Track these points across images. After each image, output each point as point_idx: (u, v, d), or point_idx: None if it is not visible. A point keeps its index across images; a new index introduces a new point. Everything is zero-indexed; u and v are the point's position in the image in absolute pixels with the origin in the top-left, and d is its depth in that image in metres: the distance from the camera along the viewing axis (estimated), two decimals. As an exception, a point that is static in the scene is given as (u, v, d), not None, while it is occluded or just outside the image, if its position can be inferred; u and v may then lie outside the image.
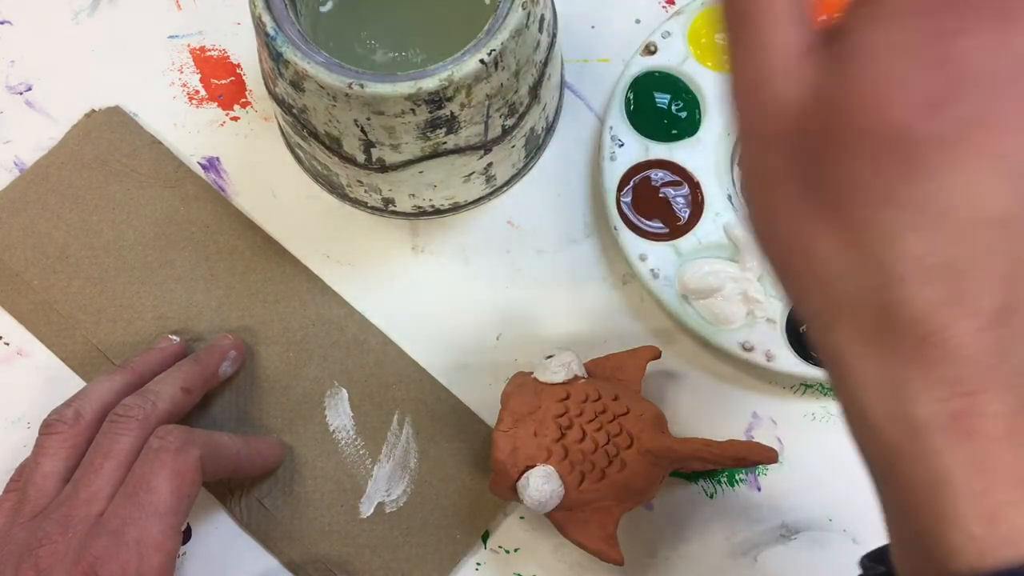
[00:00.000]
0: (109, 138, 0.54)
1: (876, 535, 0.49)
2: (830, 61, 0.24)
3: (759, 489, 0.48)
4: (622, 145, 0.52)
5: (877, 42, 0.24)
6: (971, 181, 0.23)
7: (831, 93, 0.24)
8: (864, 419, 0.26)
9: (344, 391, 0.49)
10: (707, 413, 0.49)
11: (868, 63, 0.23)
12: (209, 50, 0.56)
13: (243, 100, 0.55)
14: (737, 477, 0.48)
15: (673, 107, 0.53)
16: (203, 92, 0.55)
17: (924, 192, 0.23)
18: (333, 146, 0.44)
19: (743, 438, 0.48)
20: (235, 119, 0.55)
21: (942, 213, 0.23)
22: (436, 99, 0.40)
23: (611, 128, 0.52)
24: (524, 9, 0.40)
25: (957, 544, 0.24)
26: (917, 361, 0.24)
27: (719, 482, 0.48)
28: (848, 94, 0.24)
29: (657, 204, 0.51)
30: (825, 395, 0.50)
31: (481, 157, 0.45)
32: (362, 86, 0.39)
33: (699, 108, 0.53)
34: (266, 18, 0.40)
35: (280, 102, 0.44)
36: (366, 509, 0.47)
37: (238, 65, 0.56)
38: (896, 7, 0.23)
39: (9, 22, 0.57)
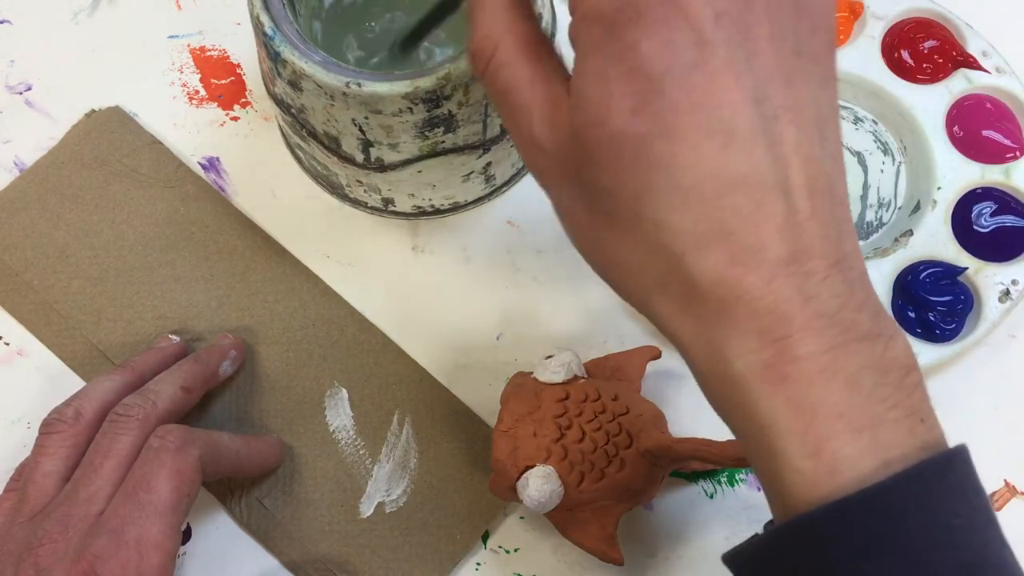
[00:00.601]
0: (109, 138, 0.54)
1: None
2: (566, 102, 0.29)
3: (759, 489, 0.48)
4: (622, 145, 0.52)
5: (581, 75, 0.28)
6: (699, 159, 0.26)
7: (572, 135, 0.29)
8: (699, 379, 0.29)
9: (344, 391, 0.49)
10: (707, 413, 0.49)
11: (581, 92, 0.28)
12: (209, 50, 0.56)
13: (243, 100, 0.55)
14: (737, 477, 0.48)
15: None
16: (203, 92, 0.55)
17: (666, 179, 0.26)
18: (332, 146, 0.44)
19: (743, 438, 0.48)
20: (235, 119, 0.55)
21: (689, 190, 0.26)
22: (433, 98, 0.40)
23: (611, 128, 0.52)
24: None
25: (790, 481, 0.26)
26: (724, 321, 0.27)
27: (719, 482, 0.48)
28: (580, 120, 0.28)
29: (657, 204, 0.51)
30: (825, 395, 0.50)
31: (480, 156, 0.45)
32: (359, 85, 0.39)
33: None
34: (264, 18, 0.40)
35: (279, 102, 0.44)
36: (366, 509, 0.47)
37: (238, 65, 0.56)
38: (584, 47, 0.28)
39: (9, 22, 0.57)
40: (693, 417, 0.48)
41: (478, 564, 0.48)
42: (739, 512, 0.48)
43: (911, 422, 0.27)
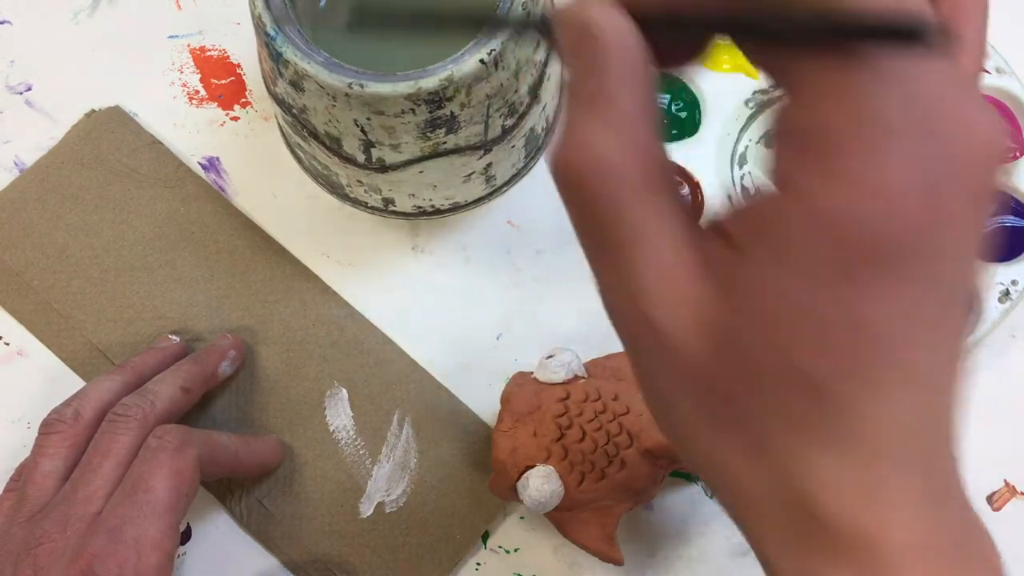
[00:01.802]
0: (109, 138, 0.54)
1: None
2: (722, 290, 0.22)
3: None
4: (622, 145, 0.52)
5: (778, 289, 0.21)
6: (884, 414, 0.22)
7: (733, 334, 0.22)
8: None
9: (344, 391, 0.49)
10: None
11: (771, 309, 0.21)
12: (209, 50, 0.56)
13: (243, 100, 0.55)
14: (737, 477, 0.48)
15: (673, 107, 0.53)
16: (203, 92, 0.55)
17: (835, 426, 0.22)
18: (333, 146, 0.44)
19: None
20: (235, 119, 0.55)
21: (855, 442, 0.22)
22: (436, 99, 0.40)
23: (611, 128, 0.52)
24: (524, 9, 0.40)
25: None
26: (839, 562, 0.23)
27: (719, 482, 0.48)
28: (755, 339, 0.21)
29: (657, 204, 0.51)
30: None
31: (481, 157, 0.45)
32: (362, 86, 0.39)
33: (699, 108, 0.53)
34: (266, 18, 0.40)
35: (280, 102, 0.44)
36: (366, 509, 0.47)
37: (238, 65, 0.56)
38: (797, 246, 0.20)
39: (9, 22, 0.57)
40: (693, 417, 0.48)
41: (478, 564, 0.48)
42: (739, 512, 0.48)
43: None
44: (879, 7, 0.19)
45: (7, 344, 0.51)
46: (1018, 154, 0.51)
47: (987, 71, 0.52)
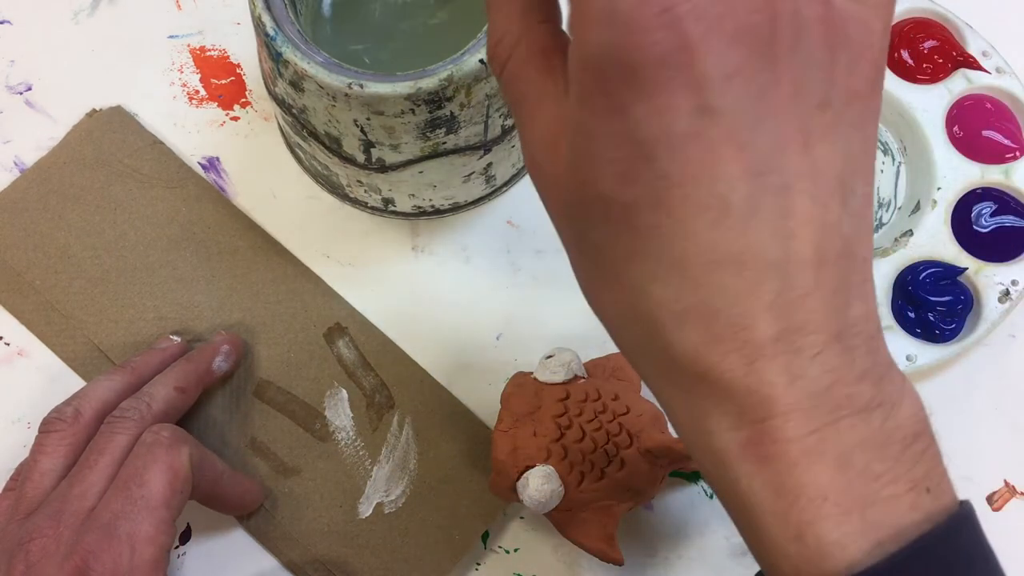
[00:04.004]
0: (111, 138, 0.54)
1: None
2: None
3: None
4: (622, 145, 0.52)
5: (573, 123, 0.25)
6: (688, 232, 0.24)
7: (575, 171, 0.26)
8: (685, 443, 0.27)
9: (344, 391, 0.49)
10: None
11: (573, 143, 0.26)
12: (209, 50, 0.56)
13: (243, 100, 0.55)
14: (737, 477, 0.48)
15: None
16: (203, 92, 0.55)
17: (653, 249, 0.25)
18: (333, 146, 0.44)
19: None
20: (235, 119, 0.55)
21: (674, 264, 0.25)
22: (436, 99, 0.40)
23: (611, 128, 0.52)
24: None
25: (775, 562, 0.25)
26: (705, 396, 0.25)
27: (719, 482, 0.48)
28: (573, 171, 0.26)
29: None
30: (825, 395, 0.50)
31: (481, 157, 0.45)
32: (361, 86, 0.39)
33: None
34: (266, 18, 0.40)
35: (280, 102, 0.44)
36: (365, 510, 0.47)
37: (238, 65, 0.56)
38: (575, 92, 0.25)
39: (9, 22, 0.57)
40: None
41: (478, 564, 0.48)
42: (739, 512, 0.48)
43: (913, 495, 0.25)
44: None
45: (8, 344, 0.51)
46: (1018, 154, 0.51)
47: (987, 71, 0.52)
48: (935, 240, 0.50)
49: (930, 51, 0.53)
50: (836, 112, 0.25)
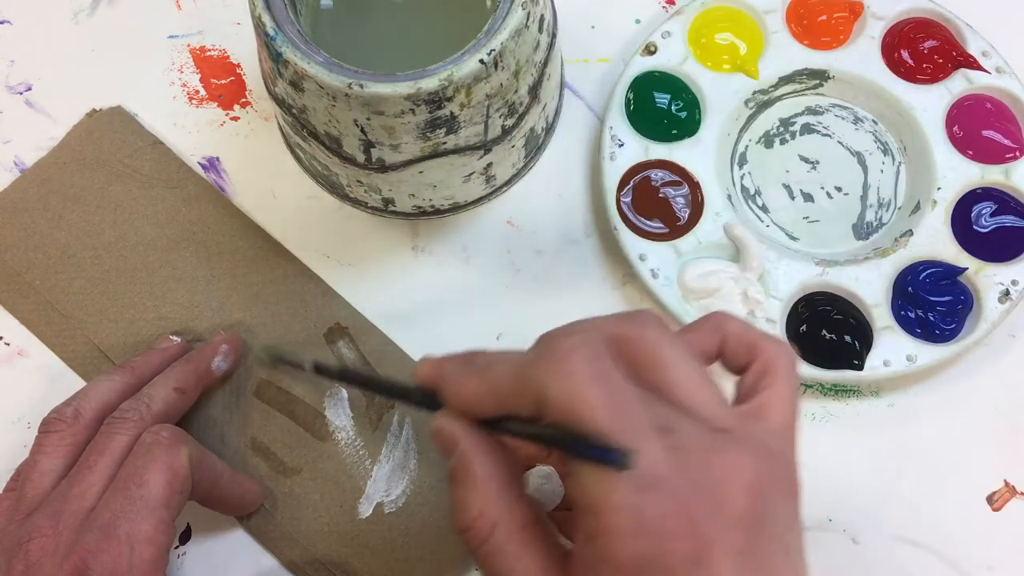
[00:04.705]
0: (111, 138, 0.54)
1: (876, 535, 0.49)
2: None
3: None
4: (622, 145, 0.52)
5: None
6: None
7: None
8: None
9: (344, 391, 0.49)
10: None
11: None
12: (209, 50, 0.56)
13: (243, 100, 0.55)
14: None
15: (673, 107, 0.53)
16: (203, 92, 0.55)
17: None
18: (333, 146, 0.44)
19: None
20: (235, 119, 0.55)
21: None
22: (436, 99, 0.40)
23: (611, 128, 0.52)
24: (524, 9, 0.40)
25: None
26: None
27: (719, 482, 0.48)
28: None
29: (657, 204, 0.51)
30: (825, 395, 0.50)
31: (481, 157, 0.45)
32: (361, 86, 0.39)
33: (699, 108, 0.53)
34: (266, 18, 0.40)
35: (280, 102, 0.44)
36: (365, 510, 0.47)
37: (238, 65, 0.56)
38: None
39: (9, 22, 0.57)
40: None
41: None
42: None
43: None
44: (587, 430, 0.28)
45: (8, 344, 0.51)
46: (1018, 154, 0.51)
47: (987, 71, 0.52)
48: (935, 240, 0.50)
49: (930, 51, 0.53)
50: (791, 533, 0.30)
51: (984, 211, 0.51)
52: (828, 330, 0.48)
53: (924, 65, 0.53)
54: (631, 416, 0.28)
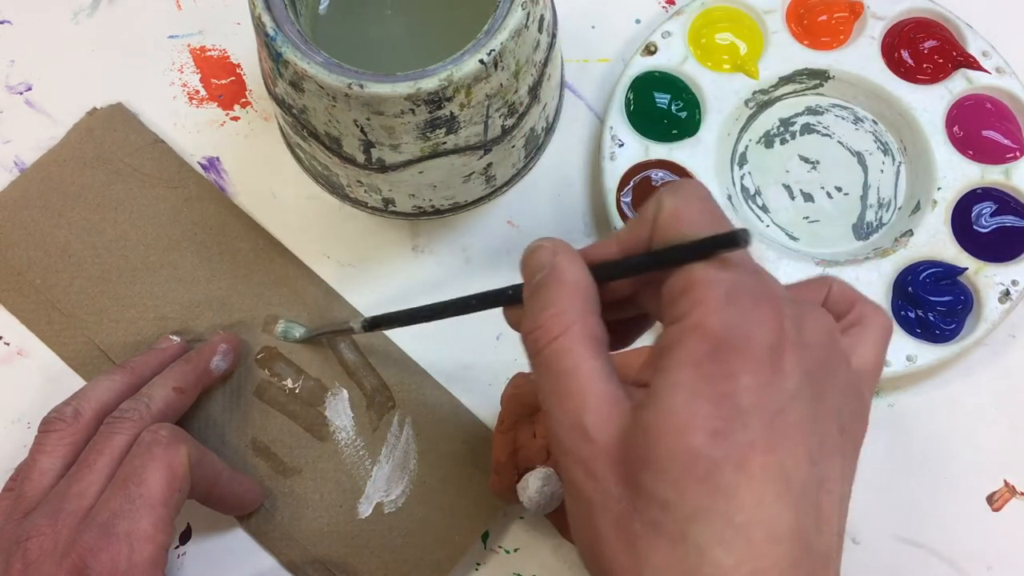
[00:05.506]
0: (112, 137, 0.54)
1: (876, 535, 0.49)
2: (637, 406, 0.29)
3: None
4: (622, 145, 0.52)
5: (670, 383, 0.28)
6: (759, 500, 0.27)
7: (637, 436, 0.28)
8: None
9: (344, 391, 0.49)
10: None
11: (666, 400, 0.27)
12: (209, 50, 0.56)
13: (243, 100, 0.55)
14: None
15: (673, 107, 0.53)
16: (203, 92, 0.55)
17: (724, 509, 0.26)
18: (333, 146, 0.44)
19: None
20: (235, 119, 0.55)
21: (741, 529, 0.26)
22: (436, 99, 0.40)
23: (611, 128, 0.52)
24: (524, 9, 0.40)
25: None
26: None
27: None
28: (658, 425, 0.27)
29: (657, 204, 0.51)
30: (825, 395, 0.50)
31: (481, 157, 0.45)
32: (361, 86, 0.39)
33: (699, 108, 0.53)
34: (266, 18, 0.40)
35: (280, 102, 0.44)
36: (365, 510, 0.47)
37: (238, 65, 0.56)
38: (681, 357, 0.28)
39: (9, 22, 0.57)
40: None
41: (477, 564, 0.48)
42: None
43: None
44: (700, 230, 0.28)
45: (7, 344, 0.51)
46: (1018, 154, 0.51)
47: (987, 71, 0.52)
48: (935, 240, 0.50)
49: (930, 51, 0.53)
50: (847, 440, 0.30)
51: (984, 211, 0.51)
52: (828, 330, 0.49)
53: (924, 65, 0.53)
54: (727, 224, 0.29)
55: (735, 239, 0.27)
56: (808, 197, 0.52)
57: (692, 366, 0.27)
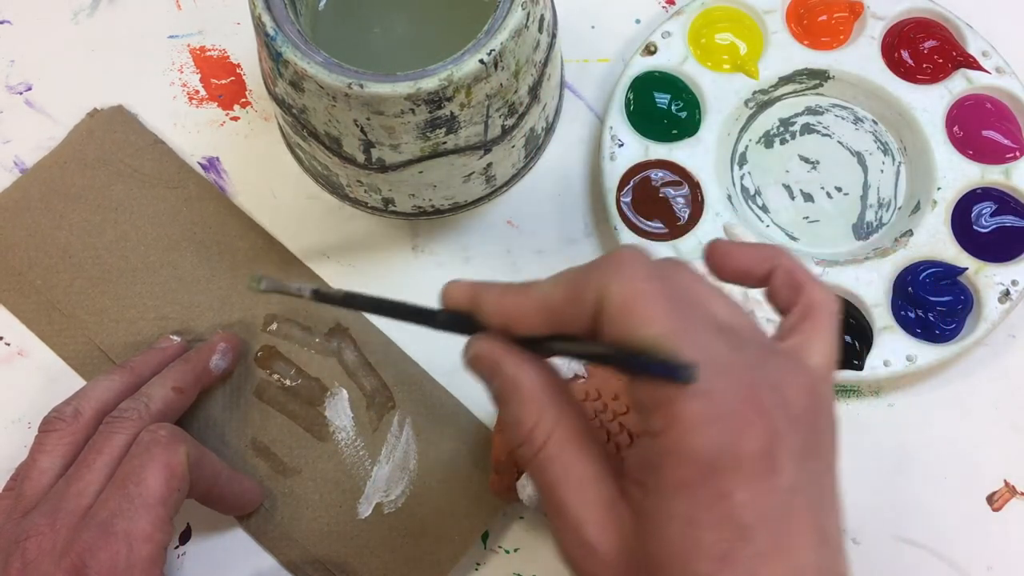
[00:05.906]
0: (112, 138, 0.54)
1: (876, 535, 0.49)
2: (634, 519, 0.28)
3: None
4: (622, 145, 0.52)
5: (666, 514, 0.27)
6: None
7: (642, 553, 0.28)
8: None
9: (344, 391, 0.49)
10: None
11: (665, 531, 0.27)
12: (209, 50, 0.56)
13: (243, 100, 0.55)
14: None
15: (673, 107, 0.53)
16: (203, 92, 0.55)
17: None
18: (333, 146, 0.44)
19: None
20: (235, 119, 0.55)
21: None
22: (436, 99, 0.40)
23: (611, 128, 0.52)
24: (524, 9, 0.40)
25: None
26: None
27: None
28: (660, 554, 0.27)
29: (657, 204, 0.51)
30: (825, 395, 0.50)
31: (481, 157, 0.45)
32: (361, 86, 0.39)
33: (699, 108, 0.53)
34: (266, 18, 0.40)
35: (280, 102, 0.44)
36: (365, 510, 0.47)
37: (238, 65, 0.56)
38: (671, 481, 0.27)
39: (9, 22, 0.57)
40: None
41: (477, 564, 0.48)
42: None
43: None
44: (655, 329, 0.27)
45: (8, 344, 0.51)
46: (1018, 154, 0.51)
47: (987, 71, 0.52)
48: (935, 240, 0.50)
49: (930, 51, 0.53)
50: (834, 490, 0.30)
51: (984, 211, 0.51)
52: (828, 330, 0.49)
53: (924, 65, 0.53)
54: (692, 315, 0.28)
55: (687, 374, 0.26)
56: (808, 197, 0.52)
57: (685, 496, 0.27)
